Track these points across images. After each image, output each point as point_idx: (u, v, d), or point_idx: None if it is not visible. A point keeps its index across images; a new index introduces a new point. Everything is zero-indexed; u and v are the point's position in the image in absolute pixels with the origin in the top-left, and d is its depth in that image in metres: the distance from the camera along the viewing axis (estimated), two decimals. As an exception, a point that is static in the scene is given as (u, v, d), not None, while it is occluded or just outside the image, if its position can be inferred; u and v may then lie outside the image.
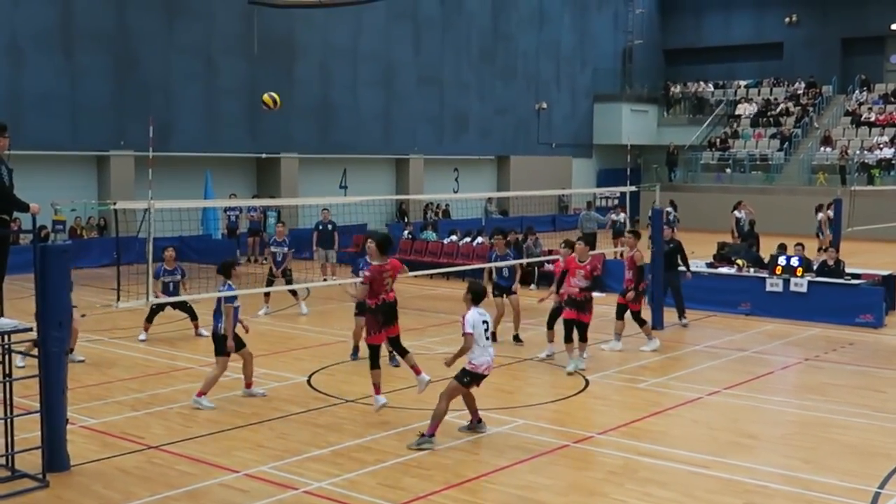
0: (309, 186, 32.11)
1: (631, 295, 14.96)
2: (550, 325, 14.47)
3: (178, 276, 16.00)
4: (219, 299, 11.69)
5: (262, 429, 10.64)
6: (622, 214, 27.37)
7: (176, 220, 22.42)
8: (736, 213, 28.96)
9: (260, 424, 10.80)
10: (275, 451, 9.79)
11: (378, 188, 34.68)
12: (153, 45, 28.39)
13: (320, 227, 22.68)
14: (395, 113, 35.35)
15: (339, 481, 8.92)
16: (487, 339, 10.07)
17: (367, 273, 11.19)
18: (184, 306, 15.80)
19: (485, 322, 10.05)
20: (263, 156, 31.53)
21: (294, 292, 18.51)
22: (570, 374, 13.24)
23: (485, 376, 10.16)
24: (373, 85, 34.52)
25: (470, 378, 10.06)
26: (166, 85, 28.74)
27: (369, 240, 11.80)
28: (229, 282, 11.84)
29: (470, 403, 10.40)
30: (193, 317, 15.93)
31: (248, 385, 12.13)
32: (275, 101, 17.15)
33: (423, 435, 9.97)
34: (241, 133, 30.67)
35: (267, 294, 18.43)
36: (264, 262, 26.59)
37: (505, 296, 15.69)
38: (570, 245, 14.32)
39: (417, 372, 10.84)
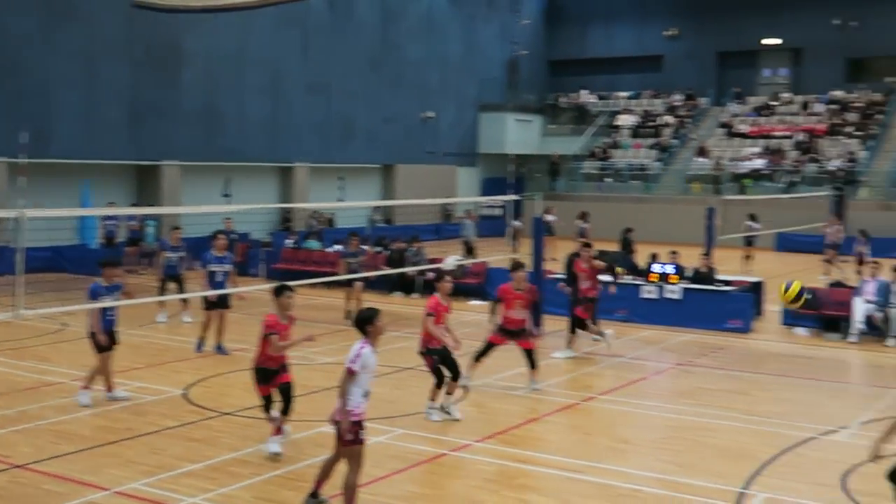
0: (192, 194, 31.48)
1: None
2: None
3: None
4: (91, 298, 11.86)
5: (134, 444, 10.41)
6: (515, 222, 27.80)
7: (52, 228, 21.75)
8: (579, 222, 29.88)
9: (133, 440, 10.56)
10: (147, 467, 9.58)
11: (263, 196, 34.25)
12: (31, 48, 27.43)
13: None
14: (281, 120, 35.03)
15: (214, 496, 8.79)
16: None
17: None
18: None
19: None
20: (144, 163, 30.84)
21: (185, 300, 18.21)
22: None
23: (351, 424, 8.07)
24: (259, 92, 34.14)
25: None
26: (45, 90, 27.81)
27: None
28: (98, 280, 12.00)
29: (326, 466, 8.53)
30: None
31: (109, 388, 12.21)
32: None
33: None
34: (123, 140, 29.89)
35: (162, 302, 18.15)
36: (143, 272, 26.09)
37: (352, 283, 18.33)
38: (588, 246, 16.24)
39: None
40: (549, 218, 30.57)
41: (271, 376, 10.13)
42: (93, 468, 9.53)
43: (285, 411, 10.20)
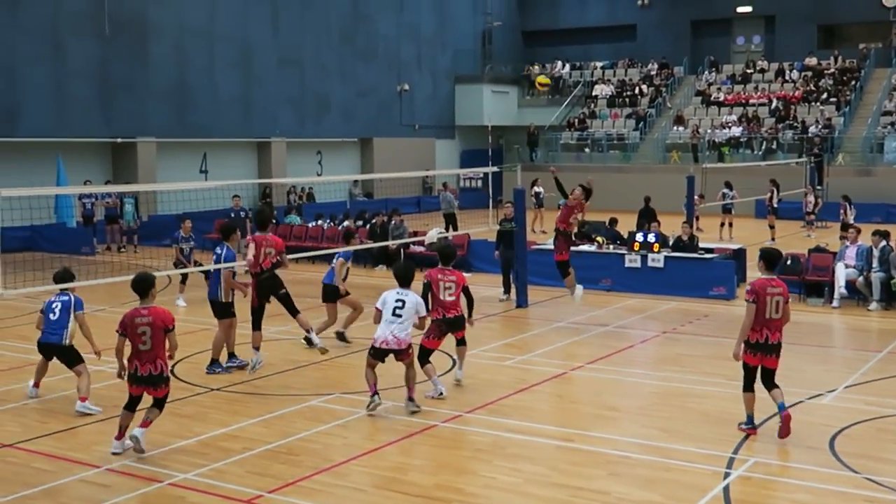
0: (168, 171, 31.20)
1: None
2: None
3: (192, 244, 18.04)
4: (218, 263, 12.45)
5: (123, 421, 10.32)
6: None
7: (26, 208, 21.52)
8: (535, 188, 30.86)
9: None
10: (138, 444, 9.51)
11: (240, 172, 34.01)
12: (-7, 26, 26.99)
13: (231, 215, 22.31)
14: (254, 95, 34.74)
15: (206, 471, 8.75)
16: (396, 315, 10.44)
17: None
18: None
19: (399, 301, 10.52)
20: (118, 140, 30.51)
21: (183, 284, 18.06)
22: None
23: (383, 350, 10.50)
24: (231, 66, 33.81)
25: (371, 351, 10.60)
26: (10, 67, 27.41)
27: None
28: (227, 244, 12.57)
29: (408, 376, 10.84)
30: None
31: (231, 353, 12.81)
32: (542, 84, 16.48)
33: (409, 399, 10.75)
34: (94, 117, 29.58)
35: (182, 282, 18.09)
36: (122, 249, 26.18)
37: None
38: (585, 189, 15.90)
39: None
40: (538, 189, 30.71)
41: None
42: (82, 446, 9.47)
43: None
